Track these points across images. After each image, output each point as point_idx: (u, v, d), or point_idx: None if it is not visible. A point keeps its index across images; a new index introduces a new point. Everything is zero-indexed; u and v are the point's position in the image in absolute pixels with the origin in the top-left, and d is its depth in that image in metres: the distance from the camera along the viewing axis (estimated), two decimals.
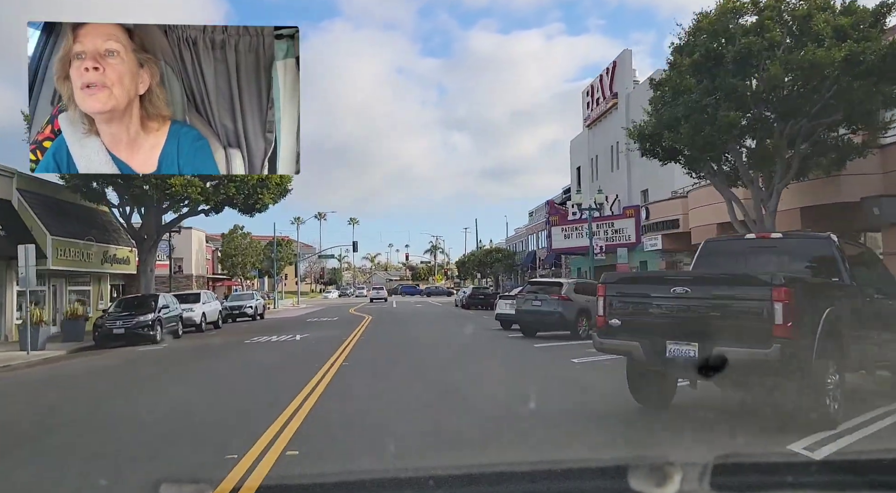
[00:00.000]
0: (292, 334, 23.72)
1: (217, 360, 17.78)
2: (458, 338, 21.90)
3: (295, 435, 7.30)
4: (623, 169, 34.04)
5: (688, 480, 2.06)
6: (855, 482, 2.34)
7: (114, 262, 32.78)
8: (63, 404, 11.15)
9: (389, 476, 2.60)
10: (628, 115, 33.83)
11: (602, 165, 37.24)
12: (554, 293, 19.88)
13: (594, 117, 37.55)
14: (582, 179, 41.75)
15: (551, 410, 8.76)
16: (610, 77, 34.83)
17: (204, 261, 53.26)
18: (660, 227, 26.07)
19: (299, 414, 8.46)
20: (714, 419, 7.94)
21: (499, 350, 17.47)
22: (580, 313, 19.71)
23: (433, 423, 8.15)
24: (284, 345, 20.52)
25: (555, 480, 2.29)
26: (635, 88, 33.59)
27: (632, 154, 28.55)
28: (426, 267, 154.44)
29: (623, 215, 33.44)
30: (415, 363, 14.71)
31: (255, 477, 5.74)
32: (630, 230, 33.16)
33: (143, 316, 22.92)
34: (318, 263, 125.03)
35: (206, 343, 22.95)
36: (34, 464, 6.89)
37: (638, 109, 33.41)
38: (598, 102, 37.03)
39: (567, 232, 36.32)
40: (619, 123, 34.90)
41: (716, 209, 21.55)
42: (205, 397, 11.19)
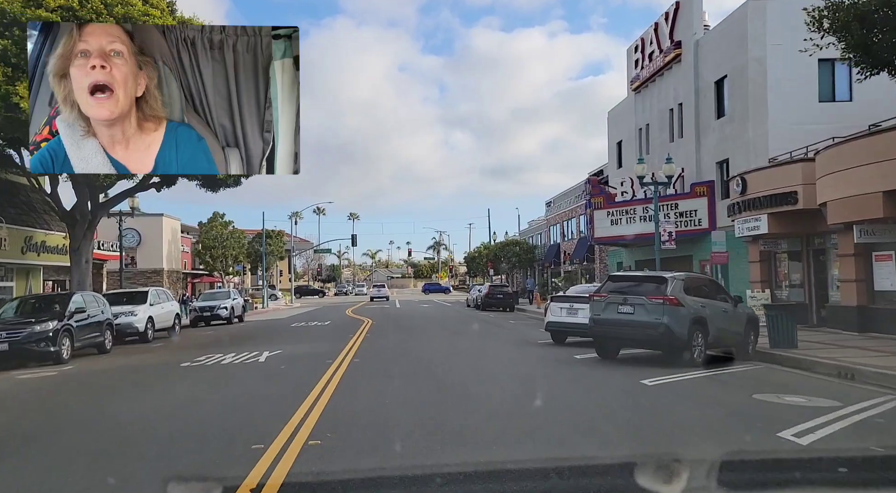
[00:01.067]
0: (259, 351, 16.66)
1: (77, 416, 10.72)
2: (500, 361, 14.81)
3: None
4: (688, 137, 27.03)
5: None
6: (863, 478, 2.67)
7: (42, 250, 25.70)
8: None
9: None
10: (698, 67, 26.72)
11: (656, 135, 30.16)
12: (653, 294, 12.79)
13: (645, 78, 30.54)
14: (625, 155, 34.67)
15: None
16: (670, 24, 27.85)
17: (179, 254, 46.19)
18: (764, 204, 19.11)
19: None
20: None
21: (595, 396, 10.34)
22: (694, 326, 12.65)
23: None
24: (232, 374, 13.44)
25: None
26: (706, 33, 26.48)
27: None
28: (429, 264, 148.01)
29: (691, 194, 26.33)
30: (454, 438, 7.59)
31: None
32: (701, 213, 26.05)
33: (42, 325, 15.89)
34: (316, 259, 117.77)
35: (128, 364, 15.89)
36: None
37: (711, 59, 26.74)
38: (650, 58, 30.07)
39: (615, 217, 29.19)
40: (682, 78, 27.79)
41: (882, 172, 14.49)
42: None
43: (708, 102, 26.01)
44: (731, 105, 24.36)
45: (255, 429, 7.71)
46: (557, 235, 51.45)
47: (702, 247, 26.16)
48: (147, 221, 42.75)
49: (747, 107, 23.12)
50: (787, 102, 22.05)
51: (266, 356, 15.48)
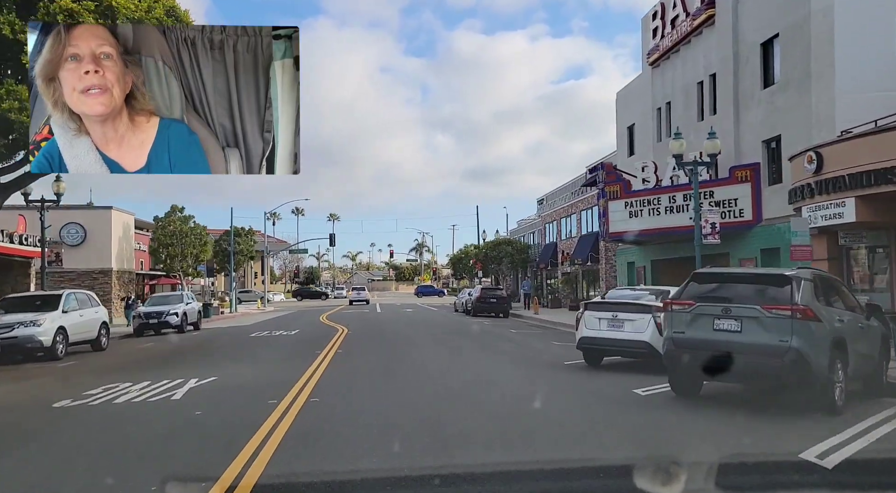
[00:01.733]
0: (185, 378, 11.96)
1: None
2: (530, 397, 10.19)
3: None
4: (723, 113, 22.71)
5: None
6: (862, 482, 2.55)
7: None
8: None
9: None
10: (737, 28, 22.39)
11: (680, 113, 25.79)
12: (773, 301, 8.29)
13: (667, 48, 26.26)
14: (638, 140, 30.32)
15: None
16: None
17: (132, 253, 41.10)
18: (850, 184, 14.83)
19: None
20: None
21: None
22: (835, 352, 8.17)
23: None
24: (113, 426, 8.78)
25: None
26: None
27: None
28: (411, 266, 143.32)
29: (731, 180, 21.96)
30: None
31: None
32: (743, 202, 21.68)
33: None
34: (294, 260, 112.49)
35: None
36: None
37: (756, 17, 21.12)
38: (674, 25, 25.82)
39: (635, 208, 24.77)
40: (716, 44, 23.45)
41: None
42: None
43: (751, 68, 21.69)
44: (785, 70, 20.04)
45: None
46: (553, 234, 46.96)
47: (742, 243, 21.82)
48: (93, 215, 37.70)
49: (808, 70, 18.81)
50: (861, 62, 17.78)
51: (187, 389, 10.79)
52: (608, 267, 34.56)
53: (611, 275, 34.04)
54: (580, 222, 40.49)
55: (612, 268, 34.07)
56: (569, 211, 42.97)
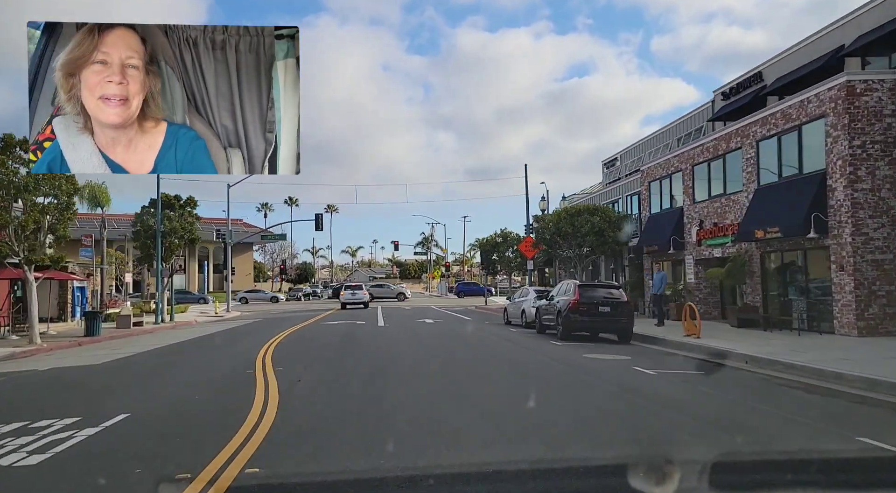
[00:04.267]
0: None
1: None
2: None
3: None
4: None
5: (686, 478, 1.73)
6: (855, 479, 2.47)
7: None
8: None
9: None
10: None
11: None
12: None
13: None
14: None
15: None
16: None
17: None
18: None
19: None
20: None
21: None
22: None
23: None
24: None
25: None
26: None
27: None
28: (418, 263, 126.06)
29: None
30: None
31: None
32: None
33: None
34: (280, 254, 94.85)
35: None
36: None
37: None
38: None
39: None
40: None
41: None
42: None
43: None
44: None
45: None
46: (656, 203, 28.84)
47: None
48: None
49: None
50: None
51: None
52: (862, 239, 16.99)
53: (864, 254, 16.70)
54: (757, 160, 22.19)
55: (867, 240, 16.65)
56: (714, 150, 24.58)
